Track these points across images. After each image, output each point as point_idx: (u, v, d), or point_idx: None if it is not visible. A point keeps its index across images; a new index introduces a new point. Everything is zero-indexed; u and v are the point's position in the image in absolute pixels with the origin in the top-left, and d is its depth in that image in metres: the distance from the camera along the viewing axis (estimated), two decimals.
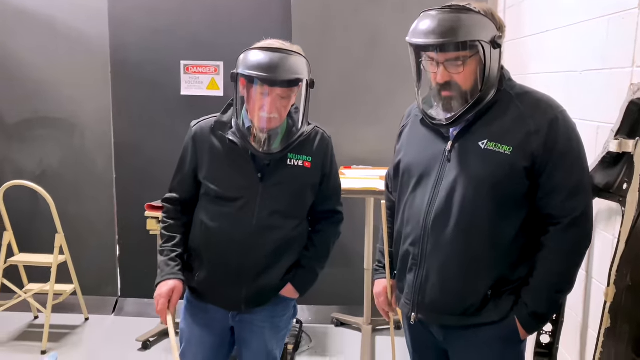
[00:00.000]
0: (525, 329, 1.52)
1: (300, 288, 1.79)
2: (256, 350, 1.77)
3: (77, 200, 3.70)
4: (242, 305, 1.73)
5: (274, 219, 1.70)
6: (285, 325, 1.85)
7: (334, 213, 1.88)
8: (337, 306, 3.67)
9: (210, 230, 1.71)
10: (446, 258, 1.51)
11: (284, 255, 1.75)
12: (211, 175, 1.72)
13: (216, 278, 1.72)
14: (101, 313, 3.70)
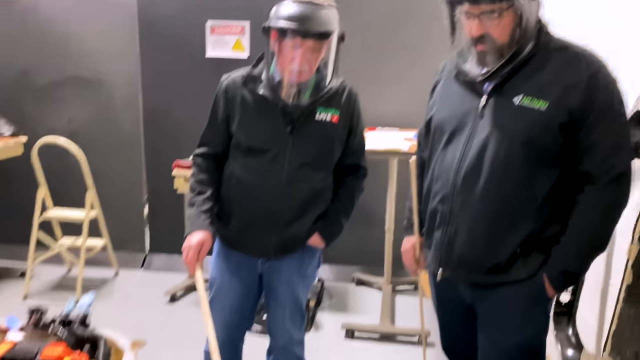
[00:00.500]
0: (554, 287, 1.51)
1: (326, 238, 1.84)
2: (284, 296, 1.84)
3: (107, 158, 3.79)
4: (271, 252, 1.79)
5: (302, 171, 1.74)
6: (311, 274, 1.91)
7: (358, 167, 1.91)
8: (358, 266, 3.75)
9: (241, 182, 1.76)
10: (475, 215, 1.50)
11: (312, 206, 1.80)
12: (242, 128, 1.76)
13: (247, 226, 1.78)
14: (130, 268, 3.85)
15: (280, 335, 1.88)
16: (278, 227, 1.76)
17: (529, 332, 1.56)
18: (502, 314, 1.56)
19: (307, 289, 1.92)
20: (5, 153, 3.35)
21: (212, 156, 1.83)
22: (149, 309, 3.23)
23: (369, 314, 3.17)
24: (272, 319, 1.88)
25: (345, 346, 2.88)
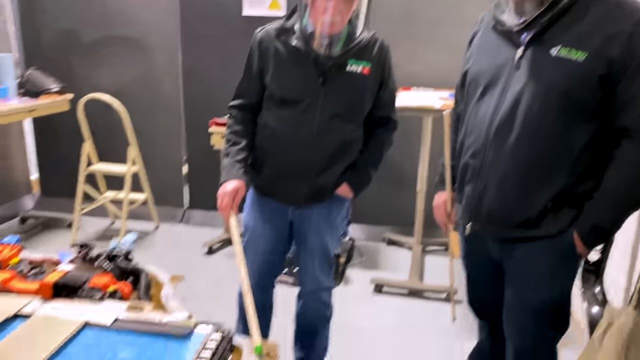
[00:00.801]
0: (584, 244, 1.48)
1: (355, 188, 1.89)
2: (312, 243, 1.91)
3: (148, 116, 3.93)
4: (301, 200, 1.86)
5: (333, 122, 1.78)
6: (339, 224, 1.97)
7: (389, 120, 1.93)
8: (389, 226, 3.80)
9: (274, 133, 1.82)
10: (506, 169, 1.48)
11: (342, 156, 1.84)
12: (275, 79, 1.80)
13: (279, 176, 1.85)
14: (170, 222, 4.03)
15: (309, 280, 1.96)
16: (308, 176, 1.82)
17: (556, 288, 1.57)
18: (529, 270, 1.56)
19: (335, 238, 1.98)
20: (53, 109, 3.51)
21: (247, 108, 1.89)
22: (187, 260, 3.39)
23: (398, 272, 3.24)
24: (302, 265, 1.97)
25: (373, 300, 2.96)
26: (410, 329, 2.66)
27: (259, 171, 1.89)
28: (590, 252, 2.09)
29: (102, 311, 1.24)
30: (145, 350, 1.11)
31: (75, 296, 1.35)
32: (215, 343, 1.14)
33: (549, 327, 1.60)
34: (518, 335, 1.64)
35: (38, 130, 4.22)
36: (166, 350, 1.12)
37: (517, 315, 1.62)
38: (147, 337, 1.16)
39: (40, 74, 3.55)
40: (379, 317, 2.76)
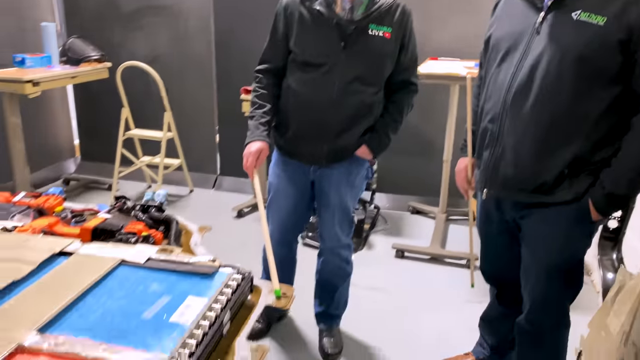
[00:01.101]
0: (598, 211, 1.50)
1: (373, 150, 1.96)
2: (333, 201, 2.00)
3: (182, 83, 4.05)
4: (322, 160, 1.94)
5: (354, 85, 1.84)
6: (359, 184, 2.04)
7: (409, 84, 1.98)
8: (414, 196, 3.86)
9: (297, 94, 1.89)
10: (522, 134, 1.50)
11: (362, 118, 1.91)
12: (299, 43, 1.87)
13: (301, 137, 1.93)
14: (203, 187, 4.18)
15: (329, 237, 2.06)
16: (329, 137, 1.89)
17: (569, 252, 1.60)
18: (544, 233, 1.60)
19: (354, 198, 2.05)
20: (93, 76, 3.66)
21: (272, 72, 1.96)
22: (217, 222, 3.53)
23: (420, 239, 3.30)
24: (322, 223, 2.06)
25: (394, 264, 3.05)
26: (429, 292, 2.74)
27: (282, 133, 1.97)
28: (606, 219, 2.12)
29: (136, 252, 1.36)
30: (173, 285, 1.23)
31: (112, 240, 1.48)
32: (236, 282, 1.25)
33: (562, 287, 1.65)
34: (533, 294, 1.68)
35: (79, 97, 4.42)
36: (192, 286, 1.23)
37: (532, 275, 1.67)
38: (175, 274, 1.27)
39: (81, 42, 3.70)
40: (399, 280, 2.85)
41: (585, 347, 2.01)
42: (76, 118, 4.49)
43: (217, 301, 1.16)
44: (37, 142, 3.90)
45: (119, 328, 1.07)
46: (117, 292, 1.20)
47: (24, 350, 0.98)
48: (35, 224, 1.52)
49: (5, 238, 1.41)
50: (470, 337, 2.14)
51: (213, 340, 1.08)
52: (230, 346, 1.10)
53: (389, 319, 2.50)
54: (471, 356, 2.11)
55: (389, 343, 2.31)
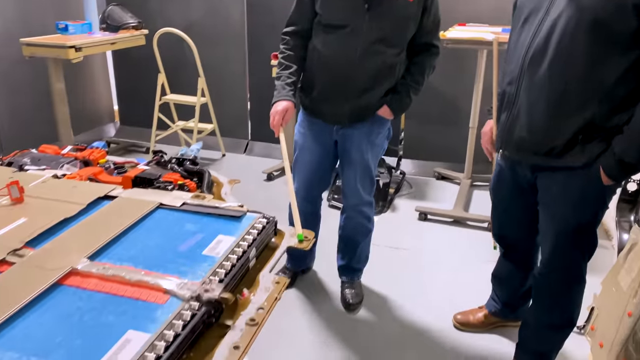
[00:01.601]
0: (609, 177, 1.53)
1: (395, 110, 2.03)
2: (355, 159, 2.09)
3: (215, 50, 4.16)
4: (345, 119, 2.03)
5: (377, 46, 1.90)
6: (380, 143, 2.12)
7: (431, 46, 2.02)
8: (440, 162, 3.91)
9: (322, 55, 1.97)
10: (537, 98, 1.53)
11: (384, 79, 1.97)
12: (324, 5, 1.94)
13: (325, 96, 2.01)
14: (235, 152, 4.33)
15: (352, 194, 2.17)
16: (351, 97, 1.97)
17: (583, 215, 1.64)
18: (558, 196, 1.65)
19: (376, 157, 2.14)
20: (131, 42, 3.81)
21: (299, 34, 2.04)
22: (248, 184, 3.69)
23: (444, 203, 3.38)
24: (345, 181, 2.16)
25: (417, 226, 3.14)
26: (450, 252, 2.83)
27: (307, 93, 2.06)
28: (622, 183, 2.14)
29: (172, 197, 1.50)
30: (205, 226, 1.36)
31: (151, 187, 1.63)
32: (261, 225, 1.38)
33: (576, 246, 1.70)
34: (548, 252, 1.74)
35: (117, 64, 4.59)
36: (222, 226, 1.37)
37: (547, 234, 1.73)
38: (207, 217, 1.41)
39: (119, 10, 3.84)
40: (421, 241, 2.94)
41: (597, 304, 2.08)
42: (115, 84, 4.67)
43: (244, 240, 1.29)
44: (78, 107, 4.10)
45: (157, 258, 1.21)
46: (155, 230, 1.34)
47: (77, 273, 1.13)
48: (82, 172, 1.68)
49: (57, 183, 1.57)
50: (486, 293, 2.23)
51: (240, 271, 1.21)
52: (255, 279, 1.22)
53: (409, 276, 2.61)
54: (484, 310, 2.21)
55: (407, 297, 2.42)
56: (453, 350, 2.11)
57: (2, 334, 0.95)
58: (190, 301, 1.05)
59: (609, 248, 2.77)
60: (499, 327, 2.20)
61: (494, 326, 2.20)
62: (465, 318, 2.22)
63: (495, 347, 2.11)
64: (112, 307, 1.04)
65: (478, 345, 2.13)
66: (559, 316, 1.81)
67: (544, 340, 1.85)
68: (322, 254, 2.57)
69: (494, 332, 2.19)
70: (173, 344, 0.94)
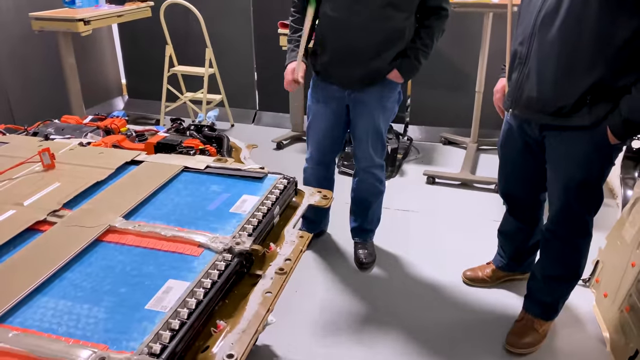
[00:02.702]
0: (615, 136, 1.56)
1: (404, 73, 2.06)
2: (366, 123, 2.14)
3: (222, 21, 4.16)
4: (356, 83, 2.07)
5: (386, 10, 1.93)
6: (390, 107, 2.16)
7: (440, 9, 2.04)
8: (446, 127, 3.95)
9: (331, 20, 2.00)
10: (547, 57, 1.57)
11: (394, 43, 2.00)
12: None
13: (336, 60, 2.05)
14: (243, 122, 4.38)
15: (363, 158, 2.23)
16: (361, 61, 2.01)
17: (589, 171, 1.68)
18: (565, 154, 1.69)
19: (387, 120, 2.18)
20: (137, 14, 3.82)
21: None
22: (259, 153, 3.74)
23: (451, 167, 3.44)
24: (357, 144, 2.22)
25: (425, 189, 3.21)
26: (458, 213, 2.90)
27: (319, 58, 2.10)
28: (628, 142, 2.19)
29: (196, 161, 1.57)
30: (230, 187, 1.43)
31: (173, 153, 1.69)
32: (283, 185, 1.45)
33: (582, 202, 1.75)
34: (555, 207, 1.80)
35: (124, 38, 4.61)
36: (246, 187, 1.44)
37: (554, 190, 1.78)
38: (231, 178, 1.48)
39: None
40: (430, 203, 3.02)
41: (602, 257, 2.17)
42: (122, 58, 4.70)
43: (267, 198, 1.36)
44: (87, 81, 4.14)
45: (188, 216, 1.28)
46: (182, 191, 1.41)
47: (115, 231, 1.21)
48: (106, 139, 1.75)
49: (84, 150, 1.64)
50: (494, 250, 2.31)
51: (266, 227, 1.29)
52: (280, 234, 1.30)
53: (419, 236, 2.69)
54: (491, 265, 2.30)
55: (418, 256, 2.50)
56: (464, 304, 2.20)
57: (52, 285, 1.03)
58: (223, 253, 1.13)
59: (613, 206, 2.83)
60: (507, 281, 2.29)
61: (502, 280, 2.28)
62: (474, 274, 2.31)
63: (504, 301, 2.20)
64: (151, 260, 1.12)
65: (487, 299, 2.22)
66: (565, 269, 1.88)
67: (550, 291, 1.93)
68: (335, 218, 2.65)
69: (502, 287, 2.27)
70: (211, 291, 1.02)
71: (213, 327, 0.97)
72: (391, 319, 2.11)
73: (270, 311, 1.03)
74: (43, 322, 0.93)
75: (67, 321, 0.93)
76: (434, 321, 2.10)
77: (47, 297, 1.00)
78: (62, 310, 0.96)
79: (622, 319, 1.88)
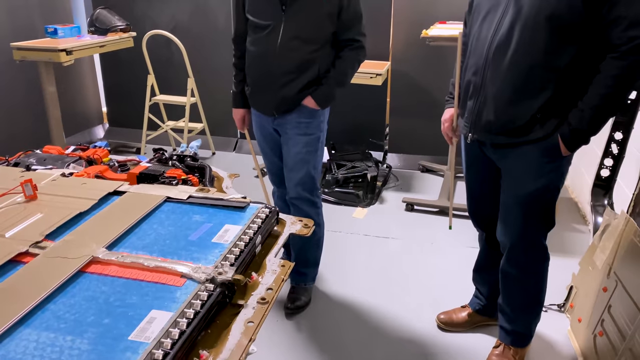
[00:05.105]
0: (565, 146, 1.68)
1: (318, 101, 2.16)
2: (288, 149, 2.24)
3: (203, 51, 4.24)
4: (273, 110, 2.19)
5: (293, 43, 2.07)
6: (313, 132, 2.22)
7: (353, 41, 2.16)
8: (424, 155, 4.04)
9: (250, 53, 2.17)
10: (502, 84, 1.68)
11: (302, 73, 2.11)
12: (249, 9, 2.13)
13: (256, 88, 2.21)
14: (224, 150, 4.41)
15: (290, 187, 2.28)
16: (273, 88, 2.14)
17: (542, 182, 1.77)
18: (519, 166, 1.79)
19: (311, 145, 2.23)
20: (120, 45, 3.87)
21: (241, 38, 2.23)
22: (239, 181, 3.76)
23: (429, 194, 3.51)
24: (285, 173, 2.30)
25: (404, 216, 3.27)
26: (435, 239, 2.95)
27: (247, 89, 2.26)
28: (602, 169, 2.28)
29: (178, 191, 1.59)
30: (212, 216, 1.46)
31: (156, 183, 1.71)
32: (265, 214, 1.48)
33: (536, 221, 1.82)
34: (510, 233, 1.86)
35: (105, 66, 4.63)
36: (228, 217, 1.46)
37: (509, 212, 1.85)
38: (213, 208, 1.50)
39: (107, 13, 3.89)
40: (408, 230, 3.07)
41: (575, 282, 2.23)
42: (103, 86, 4.71)
43: (249, 228, 1.39)
44: (67, 109, 4.14)
45: (170, 247, 1.30)
46: (165, 221, 1.43)
47: (98, 261, 1.22)
48: (89, 170, 1.76)
49: (66, 181, 1.65)
50: (470, 275, 2.33)
51: (248, 256, 1.31)
52: (262, 264, 1.32)
53: (398, 261, 2.73)
54: (468, 308, 2.29)
55: (398, 281, 2.53)
56: (437, 351, 2.14)
57: (35, 317, 1.04)
58: (205, 283, 1.15)
59: (585, 232, 2.91)
60: (482, 325, 2.27)
61: (477, 325, 2.27)
62: (448, 317, 2.29)
63: (480, 345, 2.16)
64: (135, 290, 1.13)
65: (461, 344, 2.18)
66: (528, 297, 1.92)
67: (520, 320, 1.96)
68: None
69: (478, 331, 2.25)
70: (194, 321, 1.03)
71: (196, 357, 0.99)
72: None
73: (252, 340, 1.04)
74: (25, 355, 0.93)
75: (50, 353, 0.94)
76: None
77: (30, 329, 1.00)
78: (45, 342, 0.97)
79: (596, 344, 1.93)
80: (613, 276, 1.88)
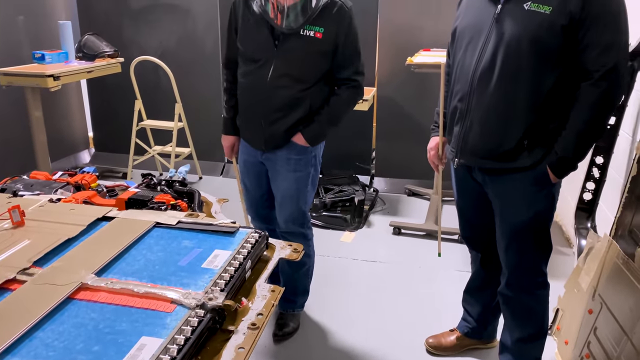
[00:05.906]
0: (554, 173, 1.71)
1: (309, 138, 2.10)
2: (278, 184, 2.19)
3: (190, 76, 4.27)
4: (262, 145, 2.13)
5: (283, 80, 2.01)
6: (302, 169, 2.16)
7: (349, 80, 2.10)
8: (410, 179, 4.08)
9: (241, 85, 2.12)
10: (487, 109, 1.71)
11: (292, 110, 2.05)
12: (241, 39, 2.07)
13: (245, 121, 2.17)
14: (212, 174, 4.41)
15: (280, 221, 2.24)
16: (264, 124, 2.08)
17: (534, 210, 1.78)
18: (510, 195, 1.80)
19: (300, 182, 2.18)
20: (107, 70, 3.88)
21: (233, 62, 2.17)
22: (226, 206, 3.77)
23: (416, 218, 3.54)
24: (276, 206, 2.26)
25: (392, 239, 3.28)
26: (424, 263, 2.97)
27: (238, 119, 2.22)
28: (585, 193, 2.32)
29: (167, 216, 1.59)
30: (202, 242, 1.46)
31: (145, 208, 1.71)
32: (254, 239, 1.48)
33: (533, 248, 1.83)
34: (508, 260, 1.87)
35: (92, 91, 4.64)
36: (218, 242, 1.47)
37: (505, 239, 1.86)
38: (203, 233, 1.51)
39: (95, 39, 3.92)
40: (396, 254, 3.08)
41: (561, 305, 2.26)
42: (90, 111, 4.71)
43: (239, 253, 1.39)
44: (53, 133, 4.13)
45: (160, 272, 1.30)
46: (154, 246, 1.43)
47: (87, 288, 1.22)
48: (77, 195, 1.76)
49: (54, 207, 1.64)
50: (459, 299, 2.34)
51: (238, 282, 1.31)
52: (251, 289, 1.33)
53: (386, 285, 2.73)
54: (456, 332, 2.29)
55: (386, 305, 2.53)
56: None
57: (23, 345, 1.02)
58: (195, 309, 1.15)
59: (570, 255, 2.95)
60: (471, 349, 2.27)
61: (466, 348, 2.27)
62: (437, 342, 2.28)
63: None
64: (124, 317, 1.12)
65: None
66: (533, 326, 1.92)
67: (522, 355, 1.95)
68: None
69: (467, 355, 2.25)
70: (184, 347, 1.03)
71: None
72: None
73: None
74: None
75: None
76: None
77: (18, 358, 0.99)
78: None
79: None
80: (598, 298, 1.91)
